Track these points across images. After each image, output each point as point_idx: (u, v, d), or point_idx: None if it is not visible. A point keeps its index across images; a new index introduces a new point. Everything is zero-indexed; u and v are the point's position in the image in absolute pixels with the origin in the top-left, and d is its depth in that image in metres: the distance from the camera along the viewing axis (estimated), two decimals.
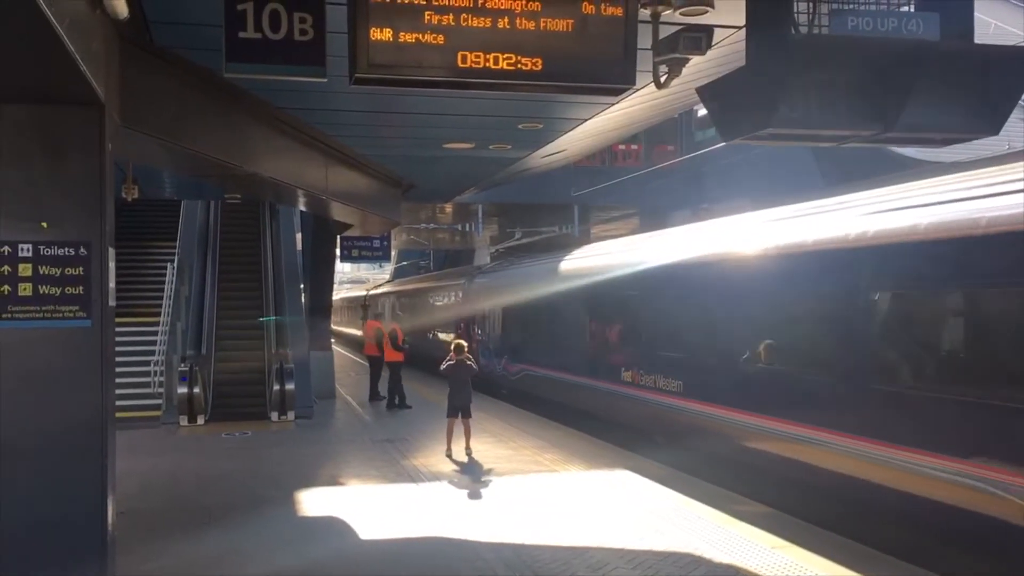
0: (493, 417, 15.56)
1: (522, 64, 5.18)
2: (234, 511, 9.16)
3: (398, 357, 17.76)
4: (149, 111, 7.32)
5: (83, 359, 5.92)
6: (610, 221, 32.84)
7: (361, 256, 21.67)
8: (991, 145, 10.64)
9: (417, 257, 51.67)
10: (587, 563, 7.19)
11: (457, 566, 7.25)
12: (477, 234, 35.56)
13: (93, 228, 5.98)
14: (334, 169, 12.07)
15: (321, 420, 16.13)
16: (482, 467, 11.26)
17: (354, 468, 11.62)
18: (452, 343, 12.56)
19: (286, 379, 15.77)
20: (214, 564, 7.35)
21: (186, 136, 8.10)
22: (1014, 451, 6.36)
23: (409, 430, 14.29)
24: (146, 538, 7.96)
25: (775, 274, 9.67)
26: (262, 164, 9.88)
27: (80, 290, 5.92)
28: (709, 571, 6.93)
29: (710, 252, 11.07)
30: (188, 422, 15.18)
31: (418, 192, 16.92)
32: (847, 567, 6.87)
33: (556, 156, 13.36)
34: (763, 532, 7.93)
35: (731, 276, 10.47)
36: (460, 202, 24.14)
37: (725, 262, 10.59)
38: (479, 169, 14.24)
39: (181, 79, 7.88)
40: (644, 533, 8.05)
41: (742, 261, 10.27)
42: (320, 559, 7.49)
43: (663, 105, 10.13)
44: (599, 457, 11.77)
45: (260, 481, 10.77)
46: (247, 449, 13.16)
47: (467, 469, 11.19)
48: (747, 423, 9.71)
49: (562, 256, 17.21)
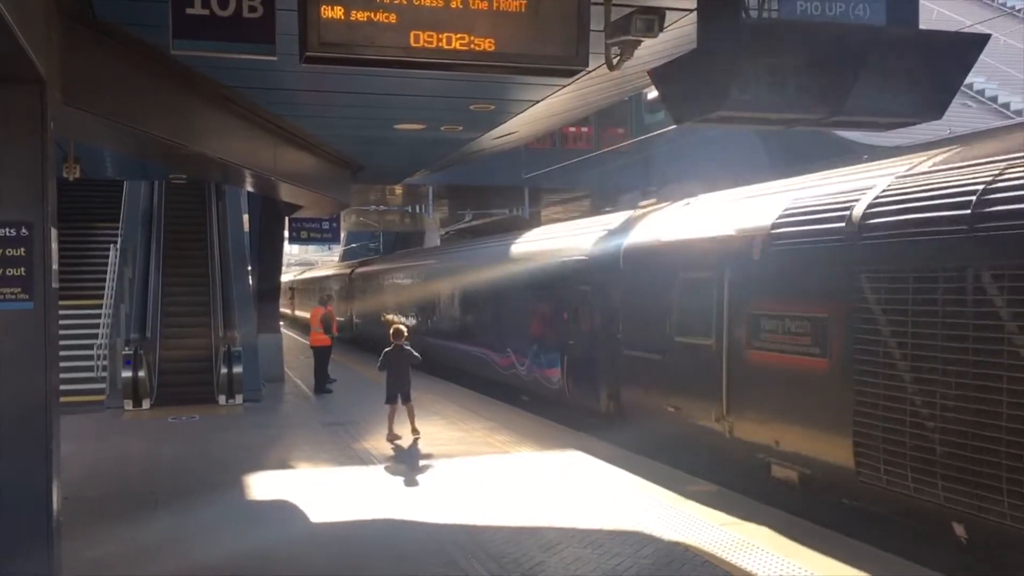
0: (444, 399, 15.57)
1: (475, 44, 5.15)
2: (181, 496, 9.06)
3: (326, 342, 17.69)
4: (92, 89, 7.15)
5: (26, 342, 5.79)
6: (561, 203, 32.94)
7: (310, 238, 21.52)
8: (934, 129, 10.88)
9: (367, 240, 51.36)
10: (540, 543, 7.25)
11: (409, 548, 7.26)
12: (427, 216, 35.42)
13: (35, 208, 5.84)
14: (283, 149, 11.93)
15: (270, 404, 16.00)
16: (434, 449, 11.26)
17: (304, 452, 11.55)
18: (392, 329, 12.40)
19: (233, 362, 15.60)
20: (161, 549, 7.27)
21: (131, 115, 7.93)
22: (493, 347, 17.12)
23: (360, 413, 14.23)
24: (92, 523, 7.84)
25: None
26: (209, 144, 9.72)
27: (22, 272, 5.78)
28: (659, 548, 7.04)
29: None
30: (133, 406, 14.97)
31: (368, 173, 16.80)
32: (794, 541, 7.02)
33: (508, 138, 13.36)
34: (712, 510, 8.06)
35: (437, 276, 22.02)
36: (410, 184, 24.02)
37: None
38: (430, 150, 14.18)
39: (126, 56, 7.70)
40: (596, 512, 8.13)
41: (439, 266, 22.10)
42: (270, 543, 7.44)
43: (615, 87, 10.17)
44: (551, 438, 11.85)
45: (208, 465, 10.66)
46: (194, 433, 13.01)
47: (418, 452, 11.19)
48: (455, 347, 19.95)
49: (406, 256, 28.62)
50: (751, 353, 8.88)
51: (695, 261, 10.04)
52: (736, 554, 6.81)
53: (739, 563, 6.62)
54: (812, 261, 8.09)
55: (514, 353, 15.92)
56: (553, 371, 13.93)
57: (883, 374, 7.12)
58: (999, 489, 6.04)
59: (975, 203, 6.45)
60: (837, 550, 6.80)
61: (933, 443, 6.59)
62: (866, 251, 7.38)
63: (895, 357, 7.02)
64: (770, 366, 8.60)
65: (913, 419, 6.80)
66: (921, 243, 6.87)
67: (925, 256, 6.81)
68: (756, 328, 8.79)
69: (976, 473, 6.23)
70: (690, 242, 10.28)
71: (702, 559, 6.74)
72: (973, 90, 27.32)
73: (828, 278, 7.80)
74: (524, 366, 15.39)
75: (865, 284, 7.33)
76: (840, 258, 7.66)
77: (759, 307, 8.80)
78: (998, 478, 6.05)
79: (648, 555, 6.87)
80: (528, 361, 15.18)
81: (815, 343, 7.97)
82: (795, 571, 6.41)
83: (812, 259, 8.09)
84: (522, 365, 15.49)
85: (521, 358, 15.55)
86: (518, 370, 15.72)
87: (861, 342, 7.35)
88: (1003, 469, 6.01)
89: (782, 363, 8.40)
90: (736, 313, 9.14)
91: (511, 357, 16.09)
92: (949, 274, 6.60)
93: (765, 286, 8.79)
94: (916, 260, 6.88)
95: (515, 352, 15.86)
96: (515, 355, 15.87)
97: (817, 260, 8.00)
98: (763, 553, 6.81)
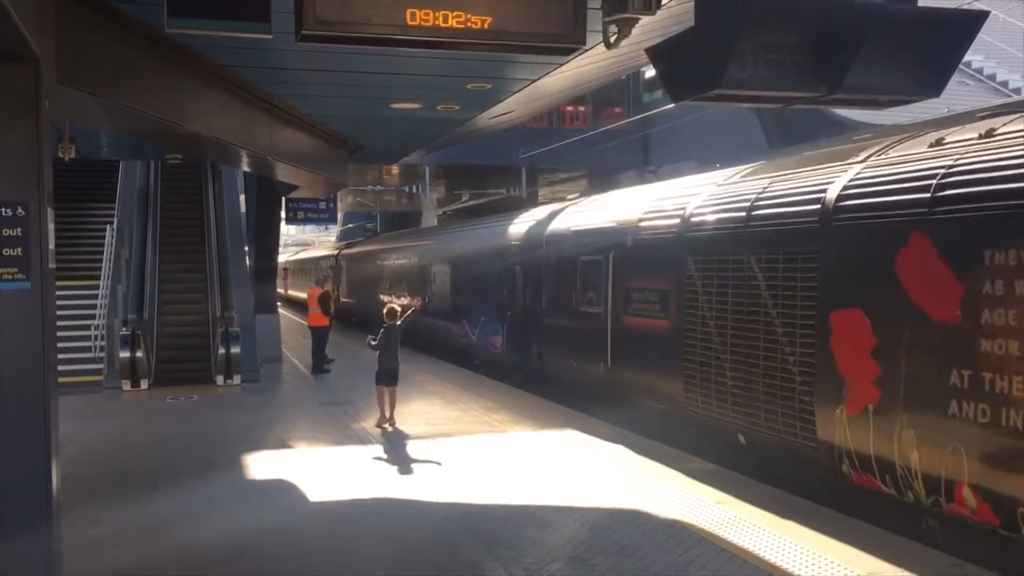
0: (440, 379, 15.61)
1: (472, 22, 5.11)
2: (181, 475, 9.09)
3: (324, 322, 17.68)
4: (88, 68, 7.09)
5: (24, 322, 5.77)
6: (558, 183, 32.88)
7: (307, 218, 21.42)
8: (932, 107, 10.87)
9: (364, 220, 51.27)
10: (537, 521, 7.28)
11: (406, 526, 7.30)
12: (424, 196, 35.37)
13: (31, 188, 5.80)
14: (279, 129, 11.87)
15: (268, 384, 16.03)
16: (431, 429, 11.29)
17: (302, 431, 11.59)
18: (385, 308, 12.09)
19: (231, 343, 15.60)
20: (161, 528, 7.31)
21: (127, 94, 7.87)
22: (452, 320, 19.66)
23: (357, 394, 14.26)
24: (92, 503, 7.87)
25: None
26: (205, 123, 9.67)
27: (19, 251, 5.76)
28: (656, 526, 7.08)
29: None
30: (131, 387, 14.99)
31: (365, 153, 16.73)
32: (790, 519, 7.07)
33: (504, 117, 13.30)
34: (708, 488, 8.10)
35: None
36: (407, 164, 23.94)
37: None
38: (427, 130, 14.12)
39: (121, 35, 7.64)
40: (592, 491, 8.17)
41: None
42: (268, 522, 7.46)
43: (612, 66, 10.12)
44: (548, 418, 11.89)
45: (207, 445, 10.68)
46: (193, 413, 13.04)
47: (417, 431, 11.21)
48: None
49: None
50: (626, 318, 11.59)
51: (591, 246, 12.70)
52: (733, 531, 6.85)
53: (736, 540, 6.66)
54: (661, 248, 10.69)
55: (468, 324, 18.60)
56: (496, 338, 16.68)
57: (698, 331, 9.73)
58: (760, 412, 8.57)
59: (748, 208, 9.04)
60: (831, 527, 6.85)
61: (726, 381, 9.13)
62: (690, 242, 10.02)
63: (705, 319, 9.60)
64: (638, 328, 11.31)
65: (716, 364, 9.34)
66: (718, 237, 9.53)
67: (720, 246, 9.43)
68: (629, 299, 11.51)
69: (749, 402, 8.74)
70: (588, 231, 13.06)
71: (699, 536, 6.78)
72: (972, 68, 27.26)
73: (670, 261, 10.39)
74: (475, 335, 18.07)
75: (690, 266, 9.92)
76: (676, 246, 10.30)
77: (631, 283, 11.50)
78: (759, 406, 8.58)
79: (645, 533, 6.91)
80: (478, 331, 17.93)
81: (662, 309, 10.62)
82: (790, 548, 6.45)
83: (662, 246, 10.70)
84: (473, 334, 18.18)
85: (472, 328, 18.25)
86: (471, 338, 18.33)
87: (687, 308, 9.98)
88: (760, 399, 8.55)
89: (644, 325, 11.11)
90: (617, 288, 11.83)
91: (465, 328, 18.76)
92: (732, 259, 9.13)
93: (634, 267, 11.46)
94: (715, 249, 9.50)
95: (468, 324, 18.58)
96: (468, 326, 18.58)
97: (664, 247, 10.62)
98: (759, 530, 6.85)
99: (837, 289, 7.69)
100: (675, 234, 10.32)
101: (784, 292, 8.33)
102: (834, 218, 7.79)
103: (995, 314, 6.14)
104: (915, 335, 6.80)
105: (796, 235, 8.25)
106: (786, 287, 8.31)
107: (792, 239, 8.30)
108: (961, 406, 6.35)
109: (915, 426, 6.76)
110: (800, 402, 8.02)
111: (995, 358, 6.12)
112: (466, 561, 6.43)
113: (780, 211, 8.58)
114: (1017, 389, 5.95)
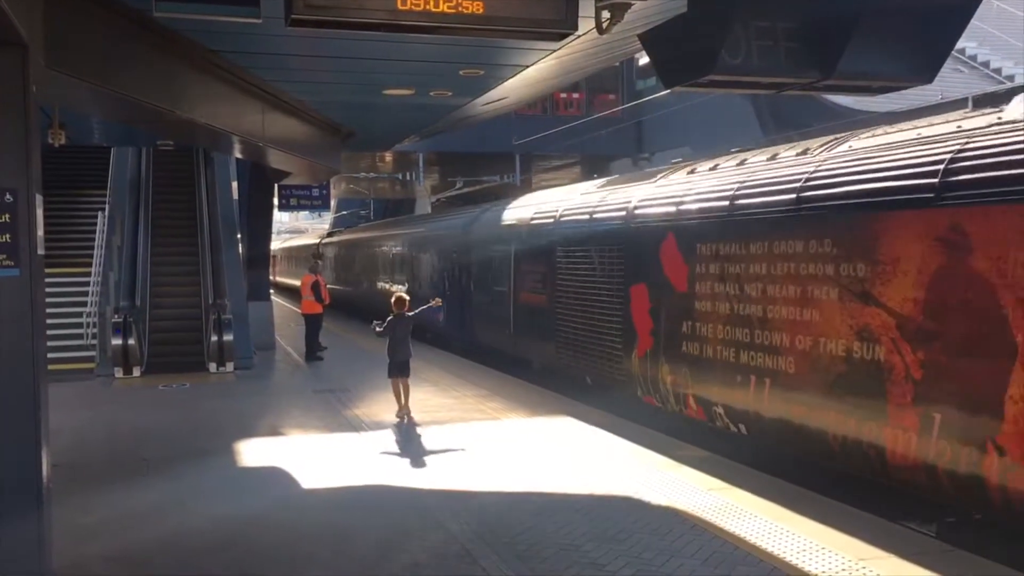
0: (434, 367, 15.60)
1: (463, 7, 5.07)
2: (173, 463, 9.08)
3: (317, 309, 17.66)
4: (76, 53, 7.04)
5: (12, 309, 5.74)
6: (552, 170, 32.82)
7: (300, 205, 21.38)
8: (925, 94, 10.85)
9: (357, 207, 51.16)
10: (530, 508, 7.29)
11: (401, 513, 7.29)
12: (418, 183, 35.27)
13: (19, 174, 5.76)
14: (272, 115, 11.81)
15: (261, 371, 16.01)
16: (425, 416, 11.28)
17: (295, 419, 11.57)
18: (394, 298, 11.75)
19: (224, 330, 15.57)
20: (153, 515, 7.29)
21: (116, 79, 7.82)
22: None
23: (351, 381, 14.25)
24: (83, 490, 7.85)
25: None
26: (196, 109, 9.61)
27: (7, 238, 5.72)
28: (650, 513, 7.09)
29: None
30: (123, 374, 14.96)
31: (358, 140, 16.67)
32: (782, 506, 7.08)
33: (498, 104, 13.27)
34: (701, 475, 8.12)
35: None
36: (401, 150, 23.89)
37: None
38: (420, 116, 14.07)
39: (110, 19, 7.57)
40: (586, 478, 8.18)
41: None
42: (261, 509, 7.46)
43: (605, 52, 10.09)
44: (542, 405, 11.90)
45: (200, 433, 10.67)
46: (186, 401, 13.02)
47: (411, 418, 11.20)
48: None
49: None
50: (522, 295, 14.82)
51: (502, 237, 16.05)
52: (726, 518, 6.86)
53: (728, 527, 6.67)
54: (543, 239, 13.92)
55: (417, 305, 19.90)
56: (439, 314, 17.82)
57: (563, 303, 13.04)
58: (596, 359, 11.94)
59: (591, 212, 12.50)
60: (824, 514, 6.86)
61: (579, 339, 12.48)
62: (559, 237, 13.33)
63: (568, 294, 12.89)
64: (529, 303, 14.52)
65: (572, 327, 12.72)
66: (574, 234, 12.90)
67: (575, 239, 12.78)
68: (524, 279, 14.77)
69: (591, 352, 12.12)
70: (499, 225, 16.45)
71: (692, 523, 6.79)
72: (965, 55, 27.21)
73: (547, 251, 13.67)
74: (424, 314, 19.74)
75: (559, 255, 13.25)
76: (550, 239, 13.63)
77: (525, 267, 14.74)
78: (596, 355, 11.93)
79: (639, 519, 6.92)
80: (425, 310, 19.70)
81: (544, 288, 13.83)
82: (782, 534, 6.46)
83: (543, 237, 13.94)
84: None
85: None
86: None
87: (557, 287, 13.28)
88: (596, 350, 11.93)
89: (533, 300, 14.36)
90: (517, 270, 15.09)
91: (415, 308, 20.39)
92: (581, 250, 12.48)
93: (527, 255, 14.68)
94: (573, 241, 12.82)
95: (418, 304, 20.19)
96: (417, 306, 19.78)
97: (545, 238, 13.85)
98: (752, 517, 6.86)
99: (632, 270, 11.06)
100: (550, 230, 13.78)
101: (609, 273, 11.69)
102: (631, 222, 11.16)
103: (702, 285, 9.43)
104: (668, 300, 10.16)
105: (614, 233, 11.63)
106: (610, 269, 11.67)
107: (613, 235, 11.67)
108: (687, 345, 9.72)
109: (666, 360, 10.14)
110: (617, 349, 11.37)
111: (701, 314, 9.45)
112: (459, 547, 6.43)
113: (607, 215, 11.95)
114: (712, 333, 9.21)
